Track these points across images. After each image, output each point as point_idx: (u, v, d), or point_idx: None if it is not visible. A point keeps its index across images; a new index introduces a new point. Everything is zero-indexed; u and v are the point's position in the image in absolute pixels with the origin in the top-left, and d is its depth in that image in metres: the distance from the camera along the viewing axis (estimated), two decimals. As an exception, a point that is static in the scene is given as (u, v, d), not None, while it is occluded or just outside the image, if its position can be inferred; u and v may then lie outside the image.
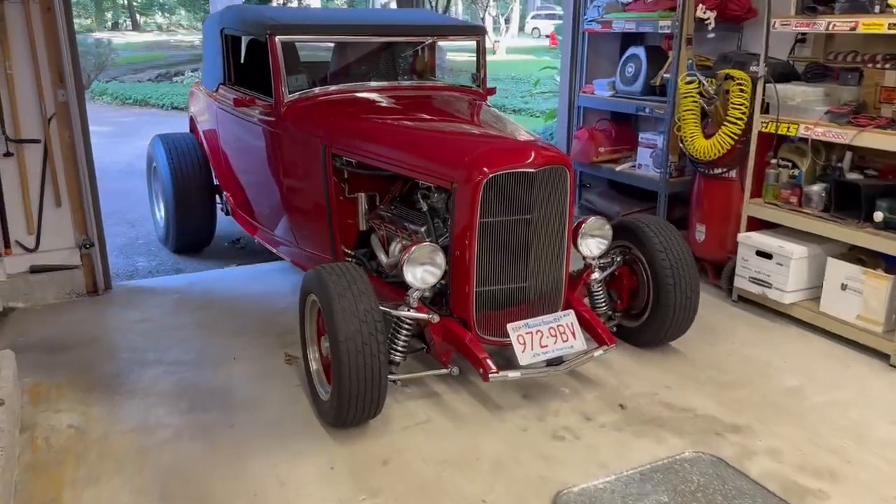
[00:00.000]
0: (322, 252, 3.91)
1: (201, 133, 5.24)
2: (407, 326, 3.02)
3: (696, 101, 4.37)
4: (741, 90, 4.12)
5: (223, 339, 3.77)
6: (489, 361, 2.90)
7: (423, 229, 3.31)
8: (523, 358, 2.93)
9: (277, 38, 3.84)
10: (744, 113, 4.12)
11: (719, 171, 4.35)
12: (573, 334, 3.02)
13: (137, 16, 37.27)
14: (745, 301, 4.24)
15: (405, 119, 3.75)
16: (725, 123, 4.18)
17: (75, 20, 4.19)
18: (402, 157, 3.31)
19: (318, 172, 3.72)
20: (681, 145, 4.51)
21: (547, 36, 38.67)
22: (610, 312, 3.57)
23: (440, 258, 2.95)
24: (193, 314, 4.09)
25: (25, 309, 4.13)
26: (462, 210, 2.95)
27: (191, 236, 5.17)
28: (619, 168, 5.13)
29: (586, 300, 3.47)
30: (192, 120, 5.46)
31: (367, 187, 3.73)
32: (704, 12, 4.50)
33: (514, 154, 2.97)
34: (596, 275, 3.45)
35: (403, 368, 3.09)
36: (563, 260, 3.15)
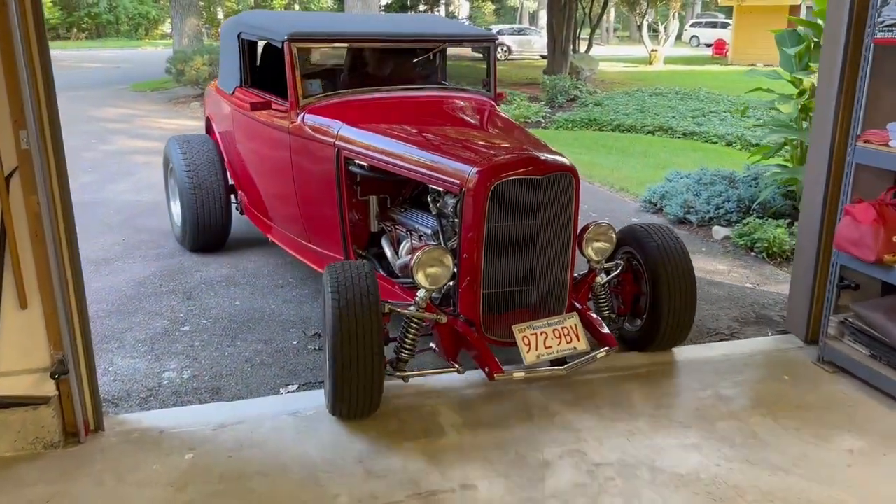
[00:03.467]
0: (335, 252, 4.01)
1: (217, 134, 5.37)
2: (415, 326, 3.03)
3: None
4: None
5: None
6: (495, 360, 2.94)
7: (431, 231, 3.42)
8: (528, 358, 2.97)
9: (294, 45, 3.96)
10: None
11: None
12: (577, 336, 3.07)
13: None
14: None
15: (416, 125, 3.82)
16: None
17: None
18: (412, 163, 3.37)
19: (331, 175, 3.82)
20: None
21: (707, 45, 35.18)
22: (613, 316, 3.58)
23: (448, 260, 2.98)
24: (196, 514, 2.45)
25: (-41, 469, 2.68)
26: (470, 215, 3.01)
27: (206, 236, 5.16)
28: (934, 280, 2.99)
29: (591, 303, 3.47)
30: (208, 121, 5.60)
31: (378, 190, 3.89)
32: None
33: (522, 161, 3.04)
34: (600, 279, 3.45)
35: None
36: (567, 264, 3.18)
